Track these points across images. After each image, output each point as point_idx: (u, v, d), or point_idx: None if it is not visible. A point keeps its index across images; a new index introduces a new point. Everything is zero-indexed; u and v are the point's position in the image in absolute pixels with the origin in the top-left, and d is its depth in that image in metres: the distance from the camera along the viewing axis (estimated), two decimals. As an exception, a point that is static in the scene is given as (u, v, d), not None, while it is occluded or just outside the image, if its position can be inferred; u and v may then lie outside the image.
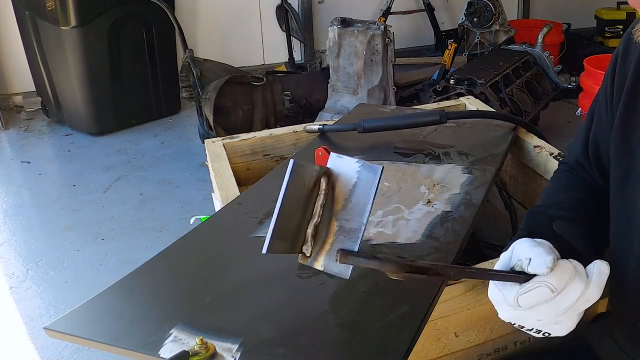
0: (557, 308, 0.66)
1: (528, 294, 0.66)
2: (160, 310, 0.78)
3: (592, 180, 0.90)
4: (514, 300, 0.67)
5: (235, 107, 2.90)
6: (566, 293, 0.66)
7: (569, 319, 0.69)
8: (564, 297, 0.66)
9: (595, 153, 0.88)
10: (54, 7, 3.09)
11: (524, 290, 0.66)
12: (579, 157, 0.92)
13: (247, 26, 4.14)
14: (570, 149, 0.96)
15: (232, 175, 1.15)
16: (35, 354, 1.84)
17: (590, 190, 0.89)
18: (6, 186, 2.89)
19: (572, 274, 0.66)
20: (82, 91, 3.28)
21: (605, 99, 0.83)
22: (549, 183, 0.97)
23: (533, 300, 0.66)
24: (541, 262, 0.65)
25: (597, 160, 0.88)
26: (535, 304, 0.66)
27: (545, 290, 0.65)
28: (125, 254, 2.31)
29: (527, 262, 0.66)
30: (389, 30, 2.81)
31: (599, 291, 0.68)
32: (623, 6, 4.41)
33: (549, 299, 0.66)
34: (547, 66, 3.34)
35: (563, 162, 0.97)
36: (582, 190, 0.89)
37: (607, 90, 0.82)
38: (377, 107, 1.99)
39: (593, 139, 0.88)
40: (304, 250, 0.61)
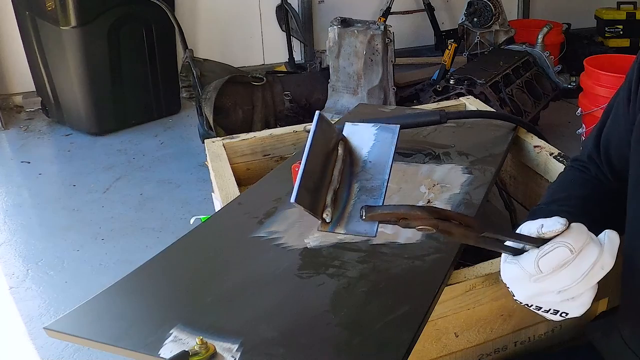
0: (576, 272, 0.66)
1: (548, 256, 0.65)
2: (160, 310, 0.78)
3: (602, 177, 0.90)
4: (535, 265, 0.66)
5: (235, 107, 2.90)
6: (584, 254, 0.66)
7: (586, 291, 0.68)
8: (582, 259, 0.66)
9: (606, 149, 0.88)
10: (54, 7, 3.09)
11: (543, 252, 0.65)
12: (591, 152, 0.92)
13: (247, 26, 4.14)
14: (584, 143, 0.97)
15: (232, 175, 1.15)
16: (35, 354, 1.84)
17: (596, 189, 0.89)
18: (6, 186, 2.89)
19: (588, 236, 0.67)
20: (82, 91, 3.28)
21: (628, 94, 0.83)
22: (556, 179, 0.98)
23: (553, 262, 0.65)
24: (554, 222, 0.65)
25: (607, 156, 0.88)
26: (556, 266, 0.65)
27: (565, 250, 0.65)
28: (125, 254, 2.31)
29: (540, 226, 0.66)
30: (389, 30, 2.81)
31: (612, 259, 0.67)
32: (623, 6, 4.42)
33: (569, 261, 0.65)
34: (547, 66, 3.34)
35: (576, 159, 0.97)
36: (588, 189, 0.89)
37: (633, 83, 0.82)
38: (377, 107, 1.99)
39: (606, 134, 0.88)
40: (324, 216, 0.60)
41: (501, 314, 0.88)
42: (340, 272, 0.80)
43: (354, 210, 0.60)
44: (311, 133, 0.59)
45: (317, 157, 0.59)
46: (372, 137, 0.64)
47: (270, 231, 0.91)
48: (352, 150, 0.63)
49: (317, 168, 0.59)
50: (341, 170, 0.61)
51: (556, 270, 0.66)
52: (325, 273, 0.80)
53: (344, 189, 0.61)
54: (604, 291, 0.96)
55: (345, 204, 0.61)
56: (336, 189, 0.61)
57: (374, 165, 0.62)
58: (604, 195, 0.87)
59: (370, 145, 0.63)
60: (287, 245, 0.87)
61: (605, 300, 0.97)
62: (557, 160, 1.17)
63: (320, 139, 0.60)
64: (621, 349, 0.81)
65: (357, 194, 0.61)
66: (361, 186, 0.61)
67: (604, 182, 0.90)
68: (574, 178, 0.92)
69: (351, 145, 0.64)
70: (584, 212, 0.83)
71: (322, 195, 0.59)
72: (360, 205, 0.59)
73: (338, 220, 0.61)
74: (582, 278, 0.66)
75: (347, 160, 0.62)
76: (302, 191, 0.57)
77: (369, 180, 0.61)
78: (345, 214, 0.61)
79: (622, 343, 0.80)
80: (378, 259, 0.83)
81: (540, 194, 1.25)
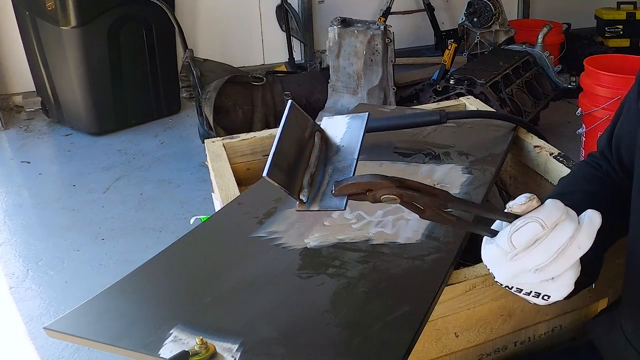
0: (550, 248, 0.66)
1: (520, 231, 0.66)
2: (160, 310, 0.78)
3: (613, 174, 0.90)
4: (508, 240, 0.66)
5: (235, 107, 2.90)
6: (557, 231, 0.66)
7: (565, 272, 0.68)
8: (556, 235, 0.66)
9: (617, 145, 0.88)
10: (54, 7, 3.09)
11: (515, 227, 0.66)
12: (604, 148, 0.92)
13: (247, 26, 4.14)
14: (598, 140, 0.97)
15: (232, 175, 1.15)
16: (35, 354, 1.84)
17: (605, 186, 0.89)
18: (6, 186, 2.89)
19: (563, 212, 0.67)
20: (82, 91, 3.28)
21: (637, 90, 0.83)
22: (569, 173, 0.98)
23: (525, 237, 0.66)
24: (521, 196, 0.67)
25: (618, 152, 0.88)
26: (528, 241, 0.66)
27: (536, 225, 0.65)
28: (125, 254, 2.31)
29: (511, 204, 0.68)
30: (389, 30, 2.81)
31: (589, 238, 0.67)
32: (623, 6, 4.42)
33: (542, 237, 0.66)
34: (547, 66, 3.34)
35: (591, 154, 0.97)
36: (596, 185, 0.89)
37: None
38: (377, 107, 1.99)
39: (619, 130, 0.88)
40: (301, 197, 0.64)
41: (501, 314, 0.88)
42: (340, 272, 0.80)
43: (327, 189, 0.65)
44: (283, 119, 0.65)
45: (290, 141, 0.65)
46: (344, 126, 0.70)
47: (270, 231, 0.91)
48: (327, 139, 0.69)
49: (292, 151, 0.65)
50: (318, 157, 0.67)
51: (530, 246, 0.66)
52: (325, 273, 0.80)
53: (319, 172, 0.67)
54: (604, 291, 0.96)
55: (319, 184, 0.66)
56: (313, 173, 0.66)
57: (345, 149, 0.68)
58: (612, 193, 0.87)
59: (343, 132, 0.69)
60: (287, 245, 0.87)
61: (606, 300, 0.97)
62: (557, 160, 1.17)
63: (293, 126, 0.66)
64: (623, 346, 0.80)
65: (331, 175, 0.66)
66: (334, 167, 0.67)
67: (614, 179, 0.90)
68: (585, 173, 0.93)
69: (327, 135, 0.70)
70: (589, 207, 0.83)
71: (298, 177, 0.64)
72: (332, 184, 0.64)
73: (313, 199, 0.65)
74: (556, 255, 0.66)
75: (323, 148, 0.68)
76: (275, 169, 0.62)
77: (340, 162, 0.67)
78: (319, 193, 0.65)
79: (624, 340, 0.80)
80: (378, 259, 0.83)
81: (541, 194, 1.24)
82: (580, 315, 0.97)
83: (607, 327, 0.85)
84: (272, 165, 0.62)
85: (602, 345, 0.86)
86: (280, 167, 0.63)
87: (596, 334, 0.87)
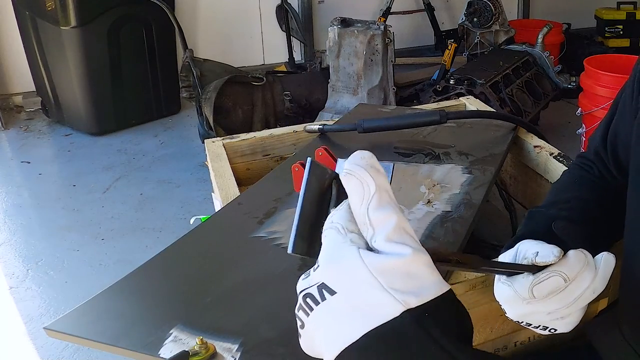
0: (568, 298, 0.67)
1: (542, 284, 0.67)
2: (160, 310, 0.78)
3: (607, 175, 0.90)
4: (529, 291, 0.67)
5: (235, 107, 2.90)
6: (577, 282, 0.67)
7: (575, 312, 0.70)
8: (575, 287, 0.67)
9: (613, 143, 0.87)
10: (54, 7, 3.09)
11: (538, 280, 0.67)
12: (598, 147, 0.91)
13: (247, 26, 4.15)
14: (591, 139, 0.96)
15: (232, 175, 1.15)
16: (35, 354, 1.84)
17: (599, 190, 0.88)
18: (6, 186, 2.89)
19: (584, 264, 0.68)
20: (82, 91, 3.28)
21: (632, 87, 0.83)
22: (560, 178, 0.97)
23: (547, 290, 0.67)
24: (549, 252, 0.67)
25: (614, 150, 0.87)
26: (549, 293, 0.67)
27: (559, 279, 0.66)
28: (125, 254, 2.31)
29: (535, 254, 0.68)
30: (389, 30, 2.81)
31: (604, 282, 0.69)
32: (623, 6, 4.42)
33: (562, 289, 0.67)
34: (547, 66, 3.35)
35: (581, 155, 0.97)
36: (590, 191, 0.88)
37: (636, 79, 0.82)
38: (377, 107, 1.99)
39: (613, 129, 0.87)
40: None
41: (501, 314, 0.88)
42: (340, 272, 0.80)
43: None
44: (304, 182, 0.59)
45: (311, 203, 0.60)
46: None
47: (270, 231, 0.91)
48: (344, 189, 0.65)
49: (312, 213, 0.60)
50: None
51: (548, 296, 0.68)
52: (325, 273, 0.80)
53: None
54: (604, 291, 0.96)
55: None
56: None
57: None
58: (607, 196, 0.87)
59: None
60: (287, 245, 0.87)
61: (606, 300, 0.97)
62: (557, 160, 1.17)
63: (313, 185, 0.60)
64: (621, 346, 0.80)
65: None
66: None
67: (608, 180, 0.89)
68: (577, 178, 0.92)
69: None
70: (584, 215, 0.83)
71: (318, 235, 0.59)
72: None
73: None
74: (572, 303, 0.68)
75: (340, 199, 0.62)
76: (298, 240, 0.58)
77: None
78: None
79: (622, 340, 0.80)
80: (378, 259, 0.83)
81: (541, 194, 1.25)
82: (580, 315, 0.96)
83: (605, 328, 0.85)
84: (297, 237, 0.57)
85: (600, 346, 0.86)
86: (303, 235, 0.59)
87: (594, 334, 0.87)
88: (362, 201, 0.45)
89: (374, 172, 0.45)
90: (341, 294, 0.44)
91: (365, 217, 0.44)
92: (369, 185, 0.45)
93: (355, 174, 0.45)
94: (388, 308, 0.42)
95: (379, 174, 0.45)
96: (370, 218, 0.44)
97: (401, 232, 0.44)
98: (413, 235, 0.45)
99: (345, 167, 0.46)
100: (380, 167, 0.47)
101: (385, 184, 0.45)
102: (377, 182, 0.45)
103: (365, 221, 0.45)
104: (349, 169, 0.46)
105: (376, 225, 0.44)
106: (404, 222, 0.45)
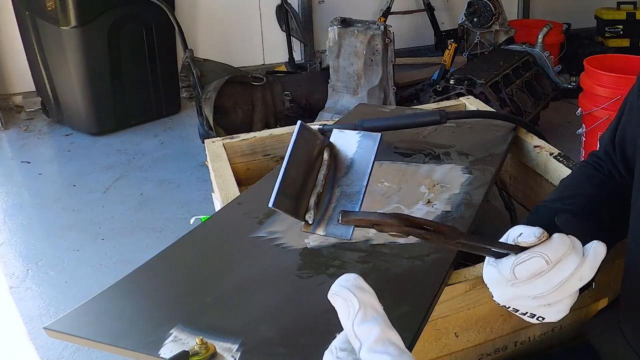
0: (552, 281, 0.67)
1: (523, 264, 0.67)
2: (160, 310, 0.78)
3: (616, 174, 0.90)
4: (510, 271, 0.67)
5: (235, 107, 2.90)
6: (560, 266, 0.67)
7: (563, 299, 0.69)
8: (558, 270, 0.67)
9: (621, 143, 0.88)
10: (54, 7, 3.09)
11: (519, 260, 0.67)
12: (607, 146, 0.92)
13: (247, 26, 4.15)
14: (601, 137, 0.96)
15: (232, 175, 1.15)
16: (35, 354, 1.84)
17: (606, 188, 0.88)
18: (6, 186, 2.89)
19: (569, 247, 0.67)
20: (82, 91, 3.28)
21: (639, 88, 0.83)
22: (570, 174, 0.98)
23: (528, 271, 0.67)
24: (530, 233, 0.67)
25: (622, 150, 0.88)
26: (530, 274, 0.67)
27: (540, 260, 0.66)
28: (125, 254, 2.31)
29: (518, 235, 0.68)
30: (389, 30, 2.81)
31: (592, 271, 0.68)
32: (623, 6, 4.42)
33: (544, 271, 0.67)
34: (547, 66, 3.35)
35: (593, 153, 0.97)
36: (597, 188, 0.88)
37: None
38: (377, 107, 1.99)
39: (622, 129, 0.88)
40: (306, 218, 0.63)
41: (501, 314, 0.88)
42: (340, 272, 0.80)
43: (333, 214, 0.64)
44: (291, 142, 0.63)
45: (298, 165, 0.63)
46: (355, 144, 0.67)
47: (270, 231, 0.91)
48: (337, 156, 0.67)
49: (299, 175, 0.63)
50: (325, 176, 0.65)
51: (532, 278, 0.67)
52: (325, 273, 0.80)
53: (326, 193, 0.65)
54: (604, 291, 0.96)
55: (326, 207, 0.65)
56: (319, 193, 0.65)
57: (354, 172, 0.65)
58: (614, 195, 0.87)
59: (353, 152, 0.67)
60: (287, 245, 0.87)
61: (605, 300, 0.97)
62: (557, 160, 1.17)
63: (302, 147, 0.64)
64: (621, 346, 0.80)
65: (338, 199, 0.65)
66: (342, 191, 0.65)
67: (617, 179, 0.90)
68: (586, 175, 0.92)
69: (337, 150, 0.68)
70: (589, 212, 0.82)
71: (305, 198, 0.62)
72: (339, 209, 0.63)
73: (319, 222, 0.65)
74: (557, 287, 0.67)
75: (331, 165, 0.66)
76: (281, 197, 0.61)
77: (349, 186, 0.65)
78: (326, 216, 0.64)
79: (622, 340, 0.80)
80: (378, 259, 0.83)
81: (541, 194, 1.25)
82: (580, 315, 0.97)
83: (605, 327, 0.85)
84: (278, 194, 0.61)
85: (600, 345, 0.86)
86: (287, 194, 0.62)
87: (594, 334, 0.87)
88: (349, 317, 0.49)
89: (358, 292, 0.50)
90: None
91: (351, 331, 0.49)
92: (353, 303, 0.49)
93: (340, 294, 0.50)
94: None
95: (363, 292, 0.50)
96: (355, 332, 0.48)
97: (384, 343, 0.47)
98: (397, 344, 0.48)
99: (331, 289, 0.51)
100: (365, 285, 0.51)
101: (371, 299, 0.50)
102: (360, 300, 0.49)
103: (352, 335, 0.49)
104: (335, 290, 0.50)
105: (361, 337, 0.48)
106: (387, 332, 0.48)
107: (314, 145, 0.65)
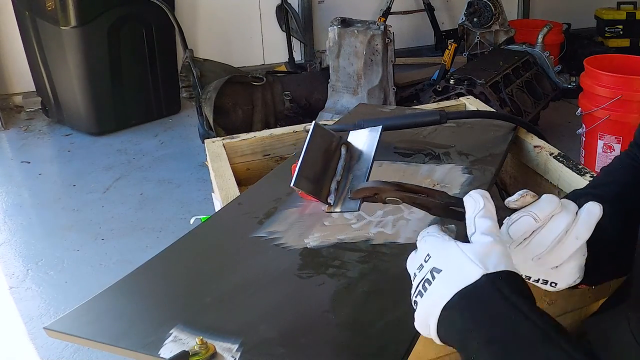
0: (545, 240, 0.70)
1: (515, 224, 0.71)
2: (160, 310, 0.78)
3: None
4: (506, 233, 0.71)
5: (235, 107, 2.90)
6: (551, 225, 0.70)
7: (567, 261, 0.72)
8: (549, 229, 0.70)
9: None
10: (54, 7, 3.09)
11: (511, 220, 0.71)
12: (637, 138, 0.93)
13: (247, 26, 4.15)
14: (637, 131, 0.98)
15: (232, 175, 1.15)
16: (35, 354, 1.84)
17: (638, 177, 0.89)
18: (6, 186, 2.89)
19: (557, 205, 0.71)
20: (82, 91, 3.28)
21: None
22: (610, 162, 0.98)
23: (520, 230, 0.70)
24: (515, 195, 0.72)
25: None
26: (523, 234, 0.70)
27: (528, 219, 0.70)
28: (125, 254, 2.31)
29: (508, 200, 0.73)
30: (389, 30, 2.81)
31: (587, 230, 0.71)
32: (623, 6, 4.42)
33: (536, 230, 0.70)
34: (547, 66, 3.35)
35: (632, 143, 0.98)
36: (630, 176, 0.89)
37: None
38: (377, 107, 1.99)
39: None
40: (328, 200, 0.75)
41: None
42: (340, 272, 0.80)
43: (346, 193, 0.76)
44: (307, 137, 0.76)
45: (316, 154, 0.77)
46: (364, 138, 0.82)
47: (270, 231, 0.91)
48: (351, 150, 0.81)
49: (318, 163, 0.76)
50: (344, 167, 0.78)
51: (527, 238, 0.71)
52: (325, 273, 0.80)
53: (344, 179, 0.78)
54: (604, 291, 0.96)
55: (343, 189, 0.77)
56: (339, 180, 0.77)
57: (363, 157, 0.80)
58: None
59: (362, 143, 0.81)
60: (287, 245, 0.87)
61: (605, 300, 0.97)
62: (557, 160, 1.17)
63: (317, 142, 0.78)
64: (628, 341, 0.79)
65: (351, 181, 0.77)
66: (353, 175, 0.78)
67: None
68: (622, 163, 0.94)
69: (352, 147, 0.81)
70: (619, 199, 0.83)
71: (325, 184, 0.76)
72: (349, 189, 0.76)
73: (337, 202, 0.76)
74: (553, 246, 0.70)
75: (348, 158, 0.80)
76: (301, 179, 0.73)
77: (358, 170, 0.78)
78: (342, 197, 0.76)
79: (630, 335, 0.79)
80: (378, 259, 0.83)
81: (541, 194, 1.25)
82: (580, 315, 0.97)
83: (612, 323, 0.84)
84: (299, 175, 0.73)
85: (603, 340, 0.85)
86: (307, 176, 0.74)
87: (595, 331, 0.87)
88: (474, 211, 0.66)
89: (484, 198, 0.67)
90: (444, 270, 0.61)
91: (472, 220, 0.65)
92: (479, 202, 0.66)
93: (472, 196, 0.67)
94: (472, 273, 0.59)
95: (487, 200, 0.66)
96: (475, 221, 0.65)
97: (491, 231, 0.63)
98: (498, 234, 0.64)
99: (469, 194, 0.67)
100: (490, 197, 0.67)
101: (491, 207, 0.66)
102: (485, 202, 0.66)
103: (471, 224, 0.65)
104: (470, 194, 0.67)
105: (477, 225, 0.64)
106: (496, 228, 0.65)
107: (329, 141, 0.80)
